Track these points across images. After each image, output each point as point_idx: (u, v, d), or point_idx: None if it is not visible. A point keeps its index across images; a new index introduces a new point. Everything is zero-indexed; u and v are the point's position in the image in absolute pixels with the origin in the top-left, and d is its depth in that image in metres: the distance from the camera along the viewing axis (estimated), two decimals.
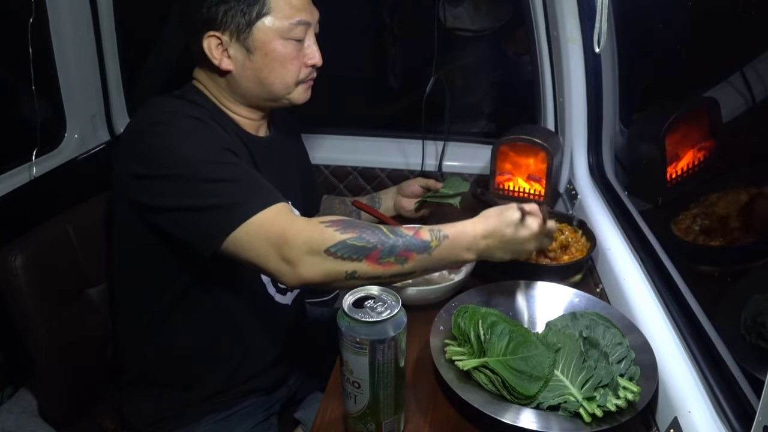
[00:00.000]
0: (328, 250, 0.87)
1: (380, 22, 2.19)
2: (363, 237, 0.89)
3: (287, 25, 1.03)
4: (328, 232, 0.88)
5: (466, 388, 0.86)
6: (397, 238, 0.90)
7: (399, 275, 0.93)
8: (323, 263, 0.88)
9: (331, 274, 0.89)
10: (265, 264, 0.91)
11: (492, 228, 0.95)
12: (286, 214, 0.92)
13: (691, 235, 1.08)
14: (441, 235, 0.93)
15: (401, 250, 0.90)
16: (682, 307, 0.96)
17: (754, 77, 1.05)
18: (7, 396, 1.37)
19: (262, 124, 1.17)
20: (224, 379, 1.16)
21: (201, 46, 1.03)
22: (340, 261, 0.88)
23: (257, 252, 0.90)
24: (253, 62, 1.04)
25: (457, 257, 0.95)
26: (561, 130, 1.63)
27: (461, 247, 0.94)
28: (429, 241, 0.92)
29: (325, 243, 0.88)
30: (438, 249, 0.92)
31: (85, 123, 1.77)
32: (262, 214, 0.90)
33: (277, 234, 0.89)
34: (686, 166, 1.25)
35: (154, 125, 0.98)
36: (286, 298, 1.20)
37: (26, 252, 1.14)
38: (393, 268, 0.90)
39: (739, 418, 0.72)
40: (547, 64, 1.62)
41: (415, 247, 0.91)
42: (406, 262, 0.91)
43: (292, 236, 0.88)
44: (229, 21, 1.01)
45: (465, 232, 0.94)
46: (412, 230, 0.93)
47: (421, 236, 0.92)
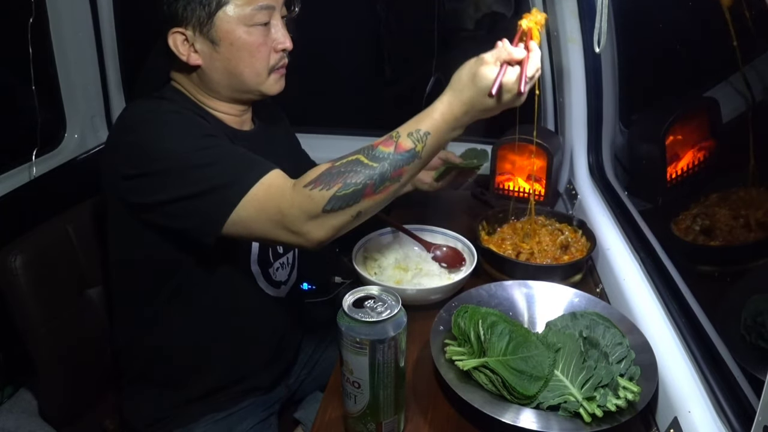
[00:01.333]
0: (324, 210, 0.87)
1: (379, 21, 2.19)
2: (349, 182, 0.87)
3: (249, 12, 1.00)
4: (317, 195, 0.87)
5: (466, 388, 0.86)
6: (383, 163, 0.88)
7: (401, 188, 0.91)
8: (327, 221, 0.88)
9: (340, 225, 0.89)
10: (276, 238, 0.92)
11: (469, 101, 0.88)
12: (277, 185, 0.92)
13: (691, 235, 1.08)
14: (422, 135, 0.88)
15: (392, 173, 0.88)
16: (682, 307, 0.96)
17: (754, 77, 1.05)
18: (7, 396, 1.37)
19: (246, 118, 1.16)
20: (223, 378, 1.16)
21: (167, 43, 1.02)
22: (340, 212, 0.88)
23: (263, 228, 0.92)
24: (220, 54, 1.02)
25: (445, 143, 0.92)
26: (561, 130, 1.63)
27: (446, 134, 0.90)
28: (413, 148, 0.88)
29: (319, 206, 0.87)
30: (425, 149, 0.89)
31: (85, 123, 1.77)
32: (256, 189, 0.91)
33: (274, 210, 0.90)
34: (686, 166, 1.25)
35: (136, 124, 0.99)
36: (281, 291, 1.20)
37: (26, 252, 1.14)
38: (392, 188, 0.89)
39: (739, 418, 0.72)
40: (547, 64, 1.62)
41: (403, 161, 0.88)
42: (401, 177, 0.89)
43: (287, 209, 0.89)
44: (190, 15, 0.99)
45: (445, 119, 0.89)
46: (392, 143, 0.89)
47: (403, 148, 0.88)
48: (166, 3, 0.99)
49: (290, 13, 1.08)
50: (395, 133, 0.90)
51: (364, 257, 1.24)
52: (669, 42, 1.29)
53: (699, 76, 1.22)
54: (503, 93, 0.87)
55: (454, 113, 0.89)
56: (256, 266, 1.13)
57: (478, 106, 0.88)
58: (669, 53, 1.31)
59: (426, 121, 0.89)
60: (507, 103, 0.89)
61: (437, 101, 0.90)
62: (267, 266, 1.16)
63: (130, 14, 1.79)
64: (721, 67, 1.11)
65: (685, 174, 1.24)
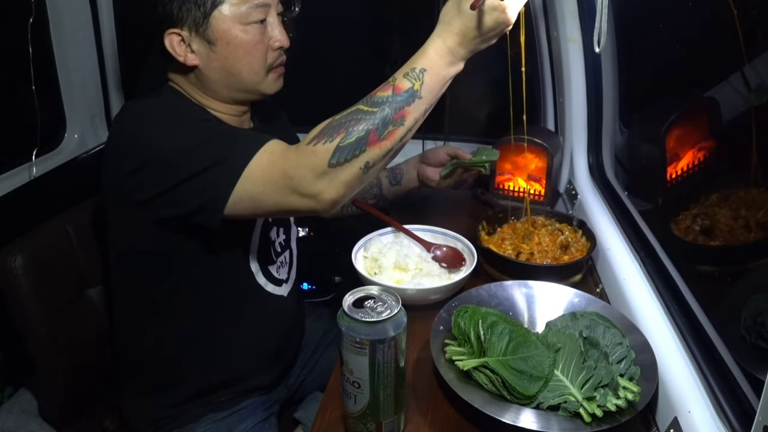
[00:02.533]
0: (330, 164, 0.86)
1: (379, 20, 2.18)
2: (352, 131, 0.86)
3: (245, 10, 1.00)
4: (320, 149, 0.86)
5: (466, 388, 0.86)
6: (383, 108, 0.86)
7: (407, 133, 0.89)
8: (335, 177, 0.87)
9: (349, 180, 0.87)
10: (288, 205, 0.90)
11: (459, 30, 0.85)
12: (279, 151, 0.91)
13: (691, 235, 1.08)
14: (418, 73, 0.86)
15: (393, 115, 0.86)
16: (682, 307, 0.96)
17: (754, 77, 1.05)
18: (7, 396, 1.37)
19: (245, 118, 1.16)
20: (223, 378, 1.16)
21: (164, 45, 1.02)
22: (347, 165, 0.86)
23: (272, 198, 0.90)
24: (217, 53, 1.02)
25: (446, 78, 0.88)
26: (561, 130, 1.64)
27: (444, 68, 0.87)
28: (411, 87, 0.86)
29: (324, 159, 0.86)
30: (424, 87, 0.86)
31: (85, 123, 1.77)
32: (258, 158, 0.90)
33: (279, 175, 0.89)
34: (686, 166, 1.25)
35: (134, 121, 0.99)
36: (282, 289, 1.20)
37: (26, 252, 1.14)
38: (397, 133, 0.87)
39: (739, 418, 0.72)
40: (547, 64, 1.62)
41: (403, 102, 0.86)
42: (404, 120, 0.87)
43: (293, 171, 0.88)
44: (186, 15, 0.99)
45: (439, 53, 0.87)
46: (389, 87, 0.87)
47: (401, 88, 0.86)
48: (161, 4, 0.99)
49: (290, 12, 1.08)
50: (392, 78, 0.88)
51: (364, 257, 1.24)
52: (669, 42, 1.29)
53: (699, 76, 1.22)
54: (487, 12, 0.83)
55: (447, 45, 0.87)
56: (255, 263, 1.13)
57: (469, 35, 0.85)
58: (669, 53, 1.31)
59: (420, 59, 0.87)
60: (494, 25, 0.84)
61: (430, 39, 0.88)
62: (268, 263, 1.16)
63: (130, 14, 1.79)
64: (721, 67, 1.11)
65: (685, 174, 1.24)
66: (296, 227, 1.29)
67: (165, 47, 1.02)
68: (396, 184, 1.42)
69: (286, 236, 1.24)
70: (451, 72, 0.88)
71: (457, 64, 0.88)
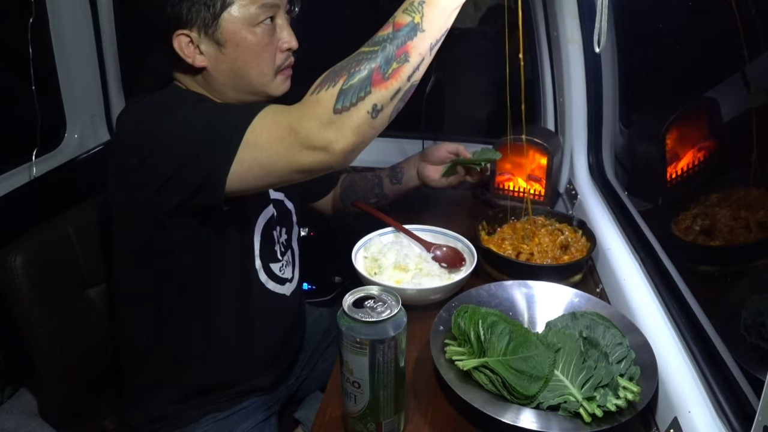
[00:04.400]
0: (336, 110, 0.82)
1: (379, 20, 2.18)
2: (353, 73, 0.82)
3: (254, 12, 1.00)
4: (323, 95, 0.83)
5: (466, 388, 0.86)
6: (384, 45, 0.82)
7: (415, 71, 0.84)
8: (343, 124, 0.83)
9: (358, 125, 0.83)
10: (299, 162, 0.86)
11: None
12: (280, 110, 0.89)
13: (691, 235, 1.08)
14: (417, 5, 0.83)
15: (395, 51, 0.82)
16: (682, 307, 0.96)
17: (754, 77, 1.05)
18: (7, 396, 1.37)
19: None
20: (224, 378, 1.16)
21: (172, 46, 1.01)
22: (354, 110, 0.82)
23: (281, 157, 0.87)
24: (226, 55, 1.02)
25: (449, 8, 0.84)
26: (561, 130, 1.64)
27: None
28: (412, 20, 0.82)
29: (329, 105, 0.82)
30: (425, 19, 0.82)
31: (85, 123, 1.77)
32: (260, 120, 0.88)
33: (284, 131, 0.86)
34: (686, 166, 1.25)
35: (136, 115, 0.99)
36: (285, 288, 1.20)
37: (26, 252, 1.14)
38: (402, 70, 0.83)
39: (739, 418, 0.72)
40: (547, 64, 1.62)
41: (405, 36, 0.82)
42: (408, 56, 0.82)
43: (298, 125, 0.85)
44: (195, 17, 0.99)
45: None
46: (389, 25, 0.84)
47: (401, 23, 0.83)
48: (170, 5, 0.98)
49: (290, 13, 1.08)
50: (392, 17, 0.85)
51: (364, 257, 1.24)
52: (669, 42, 1.29)
53: (699, 76, 1.22)
54: None
55: None
56: (258, 260, 1.13)
57: None
58: (669, 53, 1.31)
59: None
60: None
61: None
62: (271, 261, 1.16)
63: (130, 14, 1.79)
64: (721, 67, 1.11)
65: (685, 174, 1.24)
66: (298, 227, 1.29)
67: (172, 48, 1.01)
68: (397, 183, 1.42)
69: (288, 236, 1.24)
70: (454, 2, 0.83)
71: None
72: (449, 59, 1.92)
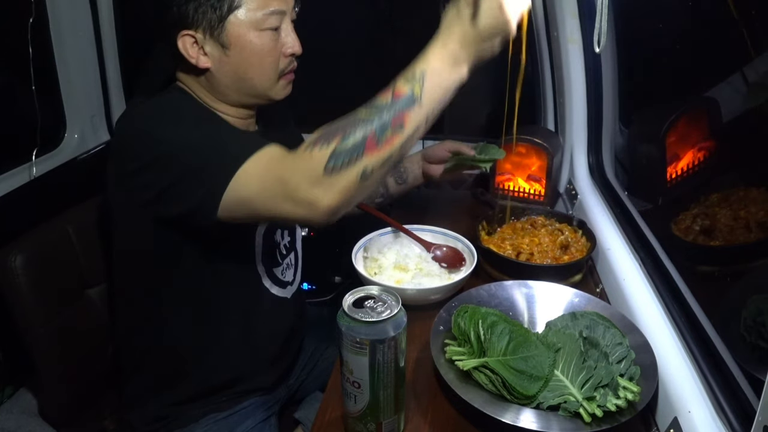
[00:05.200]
0: (326, 169, 0.82)
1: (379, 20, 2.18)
2: (348, 135, 0.82)
3: (260, 16, 1.00)
4: (317, 153, 0.83)
5: (466, 388, 0.86)
6: (381, 112, 0.83)
7: (407, 141, 0.85)
8: (332, 184, 0.83)
9: (346, 187, 0.83)
10: (282, 212, 0.87)
11: (459, 33, 0.83)
12: (277, 157, 0.89)
13: (691, 235, 1.08)
14: (419, 77, 0.83)
15: (392, 120, 0.82)
16: (682, 307, 0.96)
17: (754, 77, 1.05)
18: (7, 396, 1.37)
19: (250, 122, 1.16)
20: (224, 378, 1.15)
21: (176, 46, 1.01)
22: (344, 171, 0.82)
23: (267, 203, 0.88)
24: (230, 57, 1.02)
25: (448, 84, 0.84)
26: (561, 130, 1.64)
27: (446, 71, 0.84)
28: (411, 92, 0.83)
29: (320, 164, 0.82)
30: (424, 92, 0.83)
31: (85, 123, 1.77)
32: (254, 161, 0.88)
33: (274, 180, 0.86)
34: (686, 166, 1.25)
35: (138, 119, 1.00)
36: (286, 291, 1.20)
37: (26, 252, 1.14)
38: (396, 139, 0.83)
39: (739, 418, 0.72)
40: (547, 64, 1.62)
41: (402, 106, 0.82)
42: (404, 126, 0.83)
43: (288, 176, 0.85)
44: (201, 18, 0.99)
45: (439, 56, 0.84)
46: (389, 92, 0.84)
47: (400, 93, 0.83)
48: (176, 5, 0.99)
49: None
50: (392, 83, 0.85)
51: (364, 257, 1.24)
52: (669, 42, 1.29)
53: (699, 76, 1.22)
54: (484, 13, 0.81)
55: (448, 48, 0.84)
56: (261, 266, 1.13)
57: (468, 36, 0.83)
58: (669, 53, 1.31)
59: (420, 64, 0.84)
60: (492, 24, 0.82)
61: (430, 46, 0.85)
62: (273, 266, 1.16)
63: (130, 14, 1.79)
64: (721, 67, 1.11)
65: (685, 174, 1.24)
66: (300, 228, 1.29)
67: (176, 48, 1.01)
68: (402, 183, 1.42)
69: (291, 238, 1.24)
70: (453, 77, 0.85)
71: (459, 69, 0.84)
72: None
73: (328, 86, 2.04)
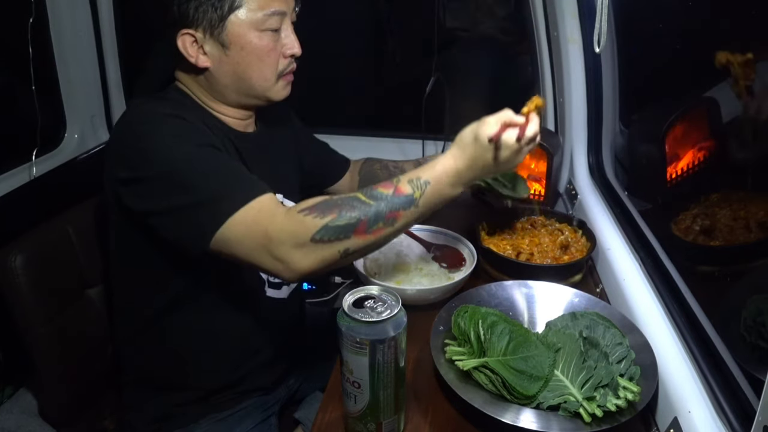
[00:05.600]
0: (313, 239, 0.85)
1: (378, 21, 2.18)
2: (344, 215, 0.86)
3: (261, 17, 1.00)
4: (309, 221, 0.85)
5: (466, 388, 0.86)
6: (379, 203, 0.87)
7: (391, 235, 0.90)
8: (313, 252, 0.86)
9: (325, 259, 0.87)
10: (260, 263, 0.89)
11: (472, 157, 0.90)
12: (268, 209, 0.90)
13: (691, 235, 1.08)
14: (422, 183, 0.89)
15: (386, 214, 0.87)
16: (682, 307, 0.96)
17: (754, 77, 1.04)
18: (7, 396, 1.37)
19: (249, 122, 1.15)
20: (223, 378, 1.15)
21: (176, 45, 1.01)
22: (328, 245, 0.86)
23: (246, 251, 0.89)
24: (229, 57, 1.02)
25: (444, 197, 0.91)
26: (561, 130, 1.64)
27: (447, 187, 0.91)
28: (412, 194, 0.88)
29: (309, 232, 0.85)
30: (423, 198, 0.89)
31: (85, 123, 1.77)
32: (246, 210, 0.89)
33: (261, 233, 0.87)
34: (686, 166, 1.25)
35: (135, 126, 0.98)
36: (282, 292, 1.20)
37: (26, 252, 1.14)
38: (383, 231, 0.88)
39: (739, 418, 0.72)
40: (547, 64, 1.62)
41: (400, 205, 0.88)
42: (395, 222, 0.88)
43: (275, 234, 0.86)
44: (201, 17, 0.99)
45: (446, 171, 0.90)
46: (391, 186, 0.89)
47: (402, 191, 0.88)
48: (177, 3, 0.98)
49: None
50: (396, 179, 0.90)
51: (364, 257, 1.24)
52: (669, 42, 1.29)
53: (699, 76, 1.22)
54: (502, 148, 0.89)
55: (457, 166, 0.90)
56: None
57: (479, 162, 0.90)
58: (669, 53, 1.31)
59: (427, 171, 0.90)
60: (506, 161, 0.91)
61: (441, 156, 0.92)
62: None
63: (130, 14, 1.79)
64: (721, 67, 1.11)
65: (685, 174, 1.24)
66: None
67: (176, 47, 1.01)
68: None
69: None
70: (452, 192, 0.91)
71: (459, 187, 0.92)
72: (450, 58, 1.92)
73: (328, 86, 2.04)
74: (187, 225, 0.92)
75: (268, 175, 1.11)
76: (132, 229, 1.01)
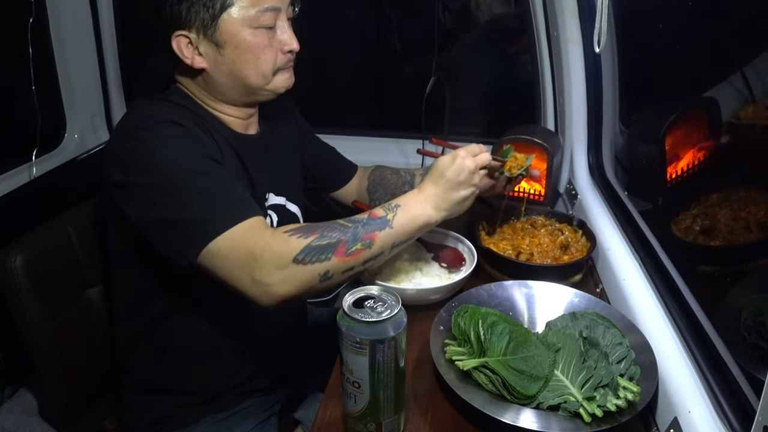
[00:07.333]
0: (295, 259, 0.87)
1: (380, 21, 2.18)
2: (325, 235, 0.90)
3: (254, 13, 0.99)
4: (293, 241, 0.88)
5: (466, 388, 0.86)
6: (356, 225, 0.92)
7: (370, 259, 0.93)
8: (294, 274, 0.88)
9: (305, 282, 0.89)
10: (237, 284, 0.90)
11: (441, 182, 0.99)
12: (256, 230, 0.91)
13: (691, 235, 1.08)
14: (393, 206, 0.96)
15: (363, 235, 0.92)
16: (682, 307, 0.96)
17: (754, 77, 1.05)
18: (7, 396, 1.37)
19: (251, 122, 1.15)
20: (223, 379, 1.15)
21: (171, 47, 1.01)
22: (309, 266, 0.88)
23: (228, 270, 0.89)
24: (224, 56, 1.01)
25: (417, 218, 0.97)
26: (561, 130, 1.64)
27: (416, 209, 0.97)
28: (385, 216, 0.95)
29: (292, 252, 0.87)
30: (396, 219, 0.95)
31: (85, 123, 1.77)
32: (233, 231, 0.89)
33: (246, 252, 0.88)
34: (686, 166, 1.25)
35: (134, 130, 0.98)
36: None
37: (26, 252, 1.14)
38: (362, 254, 0.92)
39: (739, 418, 0.72)
40: (547, 64, 1.62)
41: (375, 226, 0.93)
42: (373, 243, 0.92)
43: (260, 253, 0.87)
44: (194, 18, 0.98)
45: (414, 195, 0.99)
46: (367, 212, 0.96)
47: (376, 215, 0.95)
48: (169, 5, 0.98)
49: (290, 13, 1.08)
50: (372, 207, 0.98)
51: None
52: (669, 41, 1.29)
53: (699, 76, 1.22)
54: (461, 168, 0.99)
55: (425, 190, 0.99)
56: None
57: (447, 185, 0.99)
58: (669, 53, 1.31)
59: (399, 198, 0.99)
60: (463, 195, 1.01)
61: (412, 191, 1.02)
62: None
63: (130, 14, 1.79)
64: (721, 67, 1.11)
65: (685, 174, 1.24)
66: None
67: (172, 49, 1.01)
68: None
69: None
70: (422, 213, 0.98)
71: (428, 208, 0.98)
72: (450, 58, 1.92)
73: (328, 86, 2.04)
74: (173, 239, 0.93)
75: (270, 177, 1.11)
76: (129, 230, 1.01)
